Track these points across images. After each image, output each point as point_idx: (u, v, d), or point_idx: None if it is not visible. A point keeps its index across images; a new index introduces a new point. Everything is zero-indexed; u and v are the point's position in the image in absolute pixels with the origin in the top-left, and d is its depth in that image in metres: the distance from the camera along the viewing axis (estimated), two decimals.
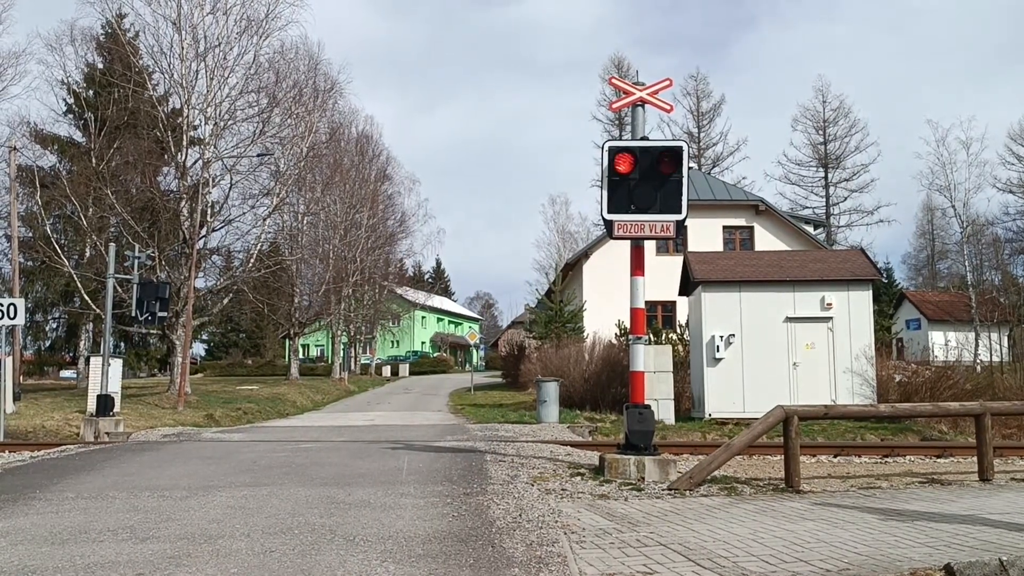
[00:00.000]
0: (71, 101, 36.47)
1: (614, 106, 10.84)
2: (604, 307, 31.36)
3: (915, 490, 8.67)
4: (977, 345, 38.78)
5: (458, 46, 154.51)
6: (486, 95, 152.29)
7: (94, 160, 30.93)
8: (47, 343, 42.83)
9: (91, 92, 36.14)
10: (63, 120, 36.74)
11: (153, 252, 27.76)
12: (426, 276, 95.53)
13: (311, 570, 5.33)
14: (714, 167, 59.69)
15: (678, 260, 23.86)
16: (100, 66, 36.06)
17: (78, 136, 37.11)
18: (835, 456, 13.12)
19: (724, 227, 36.26)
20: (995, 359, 33.48)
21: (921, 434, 16.06)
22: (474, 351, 72.87)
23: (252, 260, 32.22)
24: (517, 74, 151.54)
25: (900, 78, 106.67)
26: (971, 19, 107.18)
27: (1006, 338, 37.90)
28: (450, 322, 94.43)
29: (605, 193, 9.52)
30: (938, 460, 12.43)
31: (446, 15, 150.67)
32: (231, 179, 29.93)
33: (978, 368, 30.51)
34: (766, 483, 9.29)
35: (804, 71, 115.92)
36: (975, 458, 9.96)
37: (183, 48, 28.60)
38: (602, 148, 9.64)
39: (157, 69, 30.48)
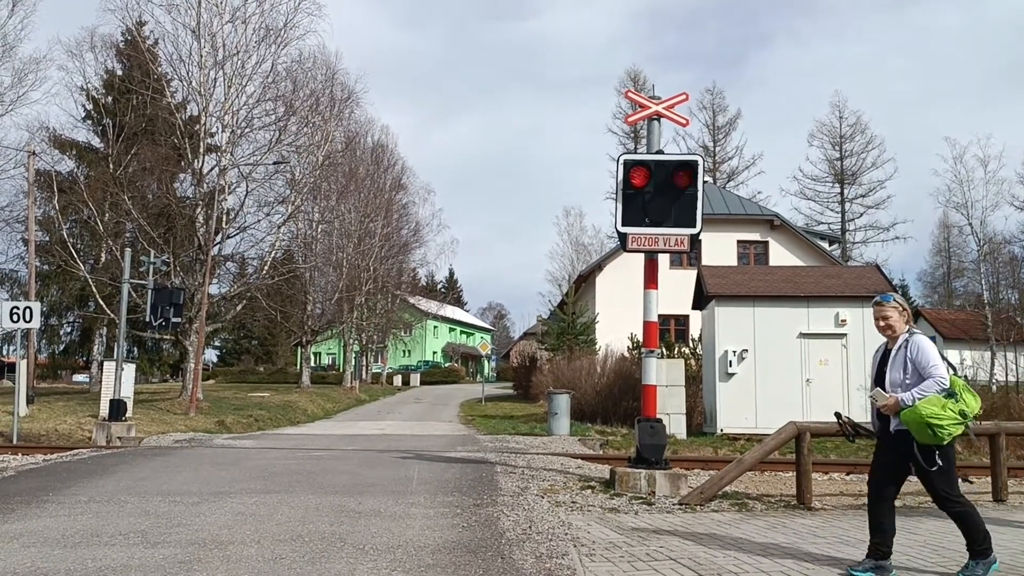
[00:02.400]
0: (90, 107, 36.78)
1: (630, 119, 10.85)
2: (617, 320, 31.31)
3: (928, 509, 8.58)
4: (993, 364, 38.50)
5: (473, 59, 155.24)
6: (502, 107, 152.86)
7: (111, 166, 31.21)
8: (61, 347, 43.05)
9: (110, 98, 36.46)
10: (82, 126, 37.06)
11: (168, 258, 27.97)
12: (439, 286, 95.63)
13: None
14: (729, 181, 59.65)
15: (692, 274, 23.82)
16: (119, 73, 36.35)
17: (96, 142, 37.41)
18: (848, 474, 13.04)
19: (738, 241, 36.19)
20: (1011, 379, 33.23)
21: None
22: (485, 362, 72.88)
23: (266, 267, 32.36)
24: (532, 87, 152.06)
25: (916, 95, 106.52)
26: (987, 37, 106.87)
27: (1022, 358, 37.60)
28: (462, 332, 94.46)
29: (619, 206, 9.53)
30: None
31: (461, 28, 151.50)
32: (247, 186, 30.13)
33: (994, 388, 30.26)
34: (777, 499, 9.24)
35: (820, 88, 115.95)
36: (989, 478, 9.87)
37: (202, 56, 28.84)
38: (617, 161, 9.65)
39: (176, 76, 30.77)
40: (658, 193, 9.45)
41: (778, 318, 18.26)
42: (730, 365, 18.27)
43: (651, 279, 9.95)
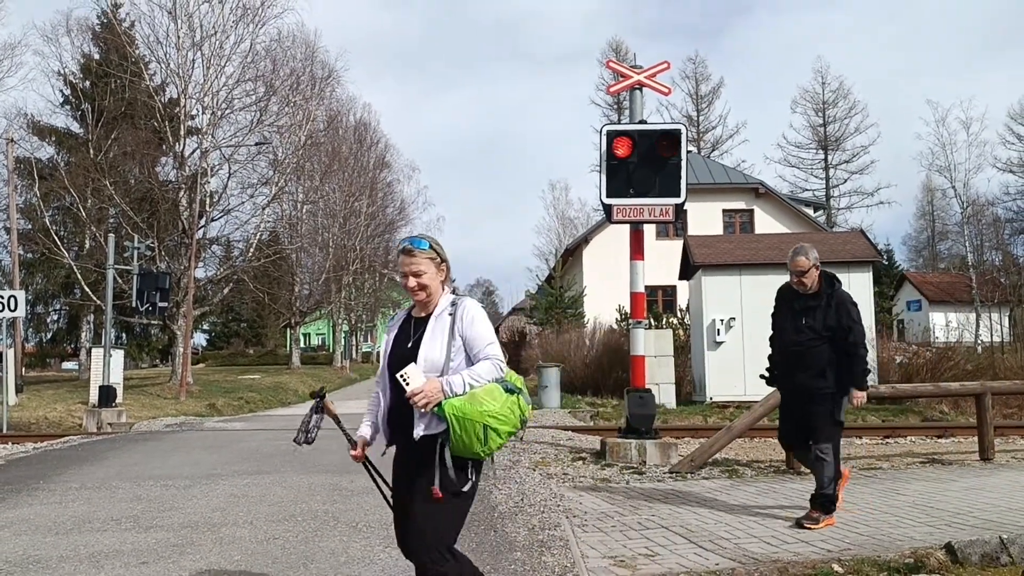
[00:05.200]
0: (68, 92, 36.35)
1: (612, 89, 10.81)
2: (604, 292, 31.32)
3: (916, 470, 8.69)
4: (978, 326, 38.79)
5: (456, 35, 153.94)
6: (485, 83, 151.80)
7: (92, 151, 30.90)
8: (48, 335, 42.80)
9: (88, 83, 36.03)
10: (60, 111, 36.65)
11: (153, 243, 27.77)
12: None
13: (314, 556, 5.36)
14: (713, 150, 59.53)
15: (678, 244, 23.84)
16: (96, 56, 35.94)
17: (75, 127, 37.00)
18: None
19: (724, 210, 36.20)
20: (996, 339, 33.51)
21: (922, 415, 16.07)
22: None
23: (252, 249, 32.23)
24: (515, 61, 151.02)
25: (899, 59, 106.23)
26: None
27: (1007, 318, 37.91)
28: None
29: (604, 177, 9.51)
30: (939, 440, 12.44)
31: (443, 3, 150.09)
32: (229, 168, 29.90)
33: (979, 349, 30.50)
34: (767, 465, 9.32)
35: (802, 55, 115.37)
36: (976, 438, 9.97)
37: (179, 37, 28.50)
38: (600, 132, 9.62)
39: (153, 58, 30.45)
40: (642, 163, 9.42)
41: (765, 286, 18.08)
42: (718, 334, 18.33)
43: (637, 250, 9.95)
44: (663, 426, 12.64)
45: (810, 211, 39.84)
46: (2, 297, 17.86)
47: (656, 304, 32.21)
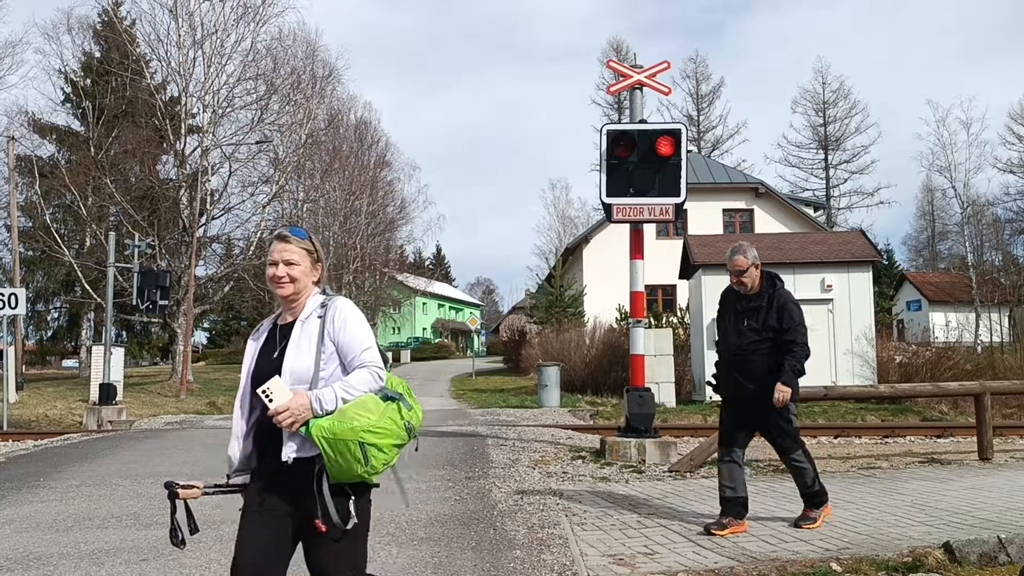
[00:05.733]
0: (69, 90, 36.39)
1: (612, 89, 10.82)
2: (604, 291, 31.34)
3: (915, 470, 8.70)
4: (978, 326, 38.83)
5: (456, 33, 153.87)
6: (485, 82, 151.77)
7: (93, 149, 30.92)
8: (49, 333, 42.87)
9: (89, 81, 36.04)
10: (61, 109, 36.70)
11: (153, 241, 27.82)
12: (426, 262, 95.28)
13: None
14: (714, 150, 59.54)
15: (678, 243, 23.84)
16: (97, 55, 35.96)
17: (76, 125, 37.02)
18: (835, 437, 13.16)
19: (724, 210, 36.22)
20: (996, 339, 33.54)
21: (921, 415, 16.09)
22: (475, 337, 72.87)
23: (252, 248, 32.21)
24: (515, 61, 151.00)
25: (899, 59, 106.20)
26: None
27: (1006, 318, 37.94)
28: (451, 308, 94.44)
29: (604, 177, 9.52)
30: (938, 440, 12.46)
31: (443, 2, 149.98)
32: (230, 167, 29.92)
33: (979, 349, 30.54)
34: (766, 464, 9.33)
35: (802, 55, 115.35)
36: (975, 438, 9.99)
37: (180, 35, 28.55)
38: (601, 132, 9.63)
39: (154, 57, 30.49)
40: (642, 163, 9.43)
41: None
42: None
43: (637, 249, 9.96)
44: (662, 425, 12.65)
45: (810, 211, 39.86)
46: (3, 295, 17.87)
47: (656, 303, 32.23)
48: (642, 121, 10.07)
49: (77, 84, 35.77)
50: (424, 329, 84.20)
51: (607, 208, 9.65)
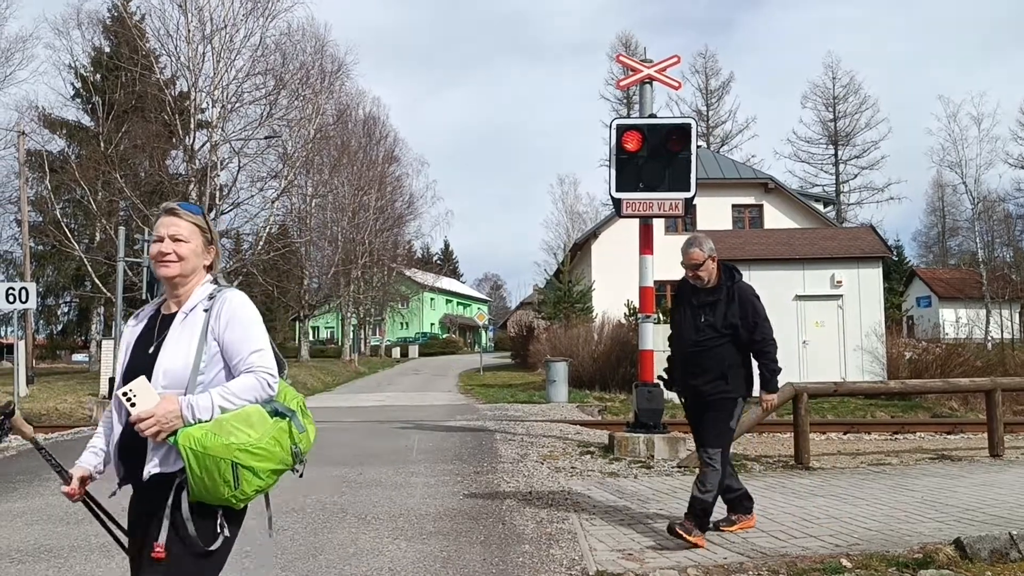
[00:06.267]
0: (79, 85, 36.48)
1: (622, 84, 10.80)
2: (613, 287, 31.32)
3: (925, 466, 8.66)
4: (988, 322, 38.65)
5: (464, 29, 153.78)
6: (494, 78, 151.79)
7: (102, 144, 31.04)
8: (59, 327, 43.05)
9: (98, 76, 36.14)
10: (71, 104, 36.79)
11: None
12: (435, 258, 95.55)
13: (323, 547, 5.38)
14: (723, 145, 59.37)
15: (684, 239, 23.77)
16: (107, 50, 36.03)
17: (86, 120, 37.14)
18: (845, 433, 13.13)
19: (733, 205, 36.12)
20: (1006, 336, 33.40)
21: (931, 411, 16.03)
22: (483, 332, 72.96)
23: (261, 243, 32.30)
24: (524, 56, 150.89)
25: (910, 54, 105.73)
26: None
27: (1017, 315, 37.79)
28: (459, 303, 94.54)
29: (613, 171, 9.49)
30: (948, 437, 12.41)
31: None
32: (239, 162, 30.01)
33: (989, 345, 30.41)
34: (776, 460, 9.31)
35: (812, 50, 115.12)
36: (985, 434, 9.93)
37: (189, 30, 28.58)
38: (610, 126, 9.60)
39: (164, 52, 30.53)
40: (652, 158, 9.40)
41: (774, 281, 18.26)
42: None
43: (646, 245, 9.95)
44: (671, 421, 12.62)
45: (820, 206, 39.70)
46: (13, 289, 17.94)
47: (665, 299, 32.11)
48: (652, 116, 10.03)
49: (87, 79, 35.86)
50: (432, 324, 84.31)
51: (617, 203, 9.63)
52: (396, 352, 62.87)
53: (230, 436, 2.39)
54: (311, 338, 52.36)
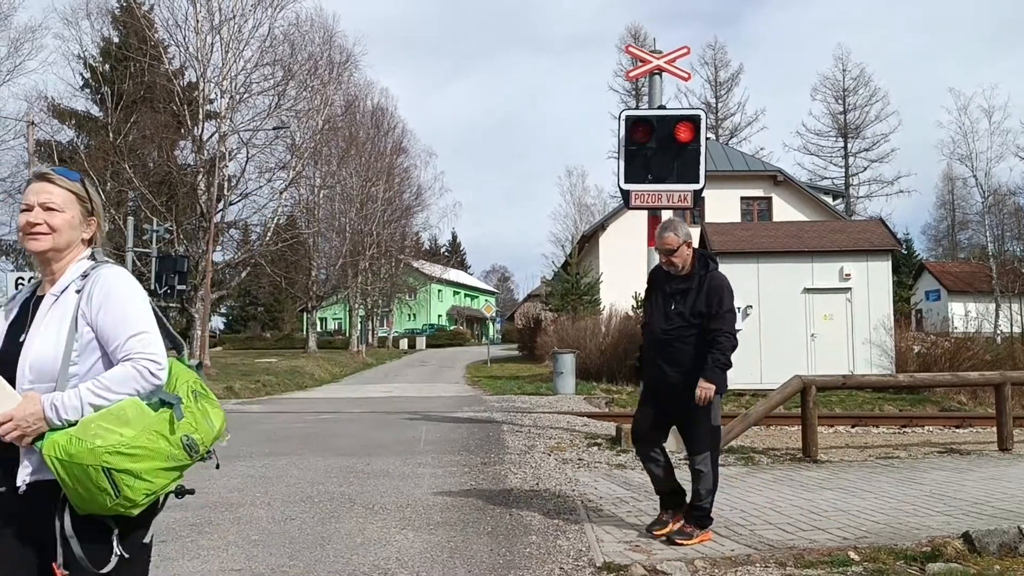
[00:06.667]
0: (88, 75, 36.46)
1: (631, 74, 10.75)
2: (621, 279, 31.28)
3: (933, 460, 8.64)
4: (998, 316, 38.52)
5: (473, 20, 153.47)
6: (502, 69, 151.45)
7: (111, 134, 31.04)
8: None
9: (107, 66, 36.13)
10: (80, 94, 36.74)
11: (171, 226, 27.94)
12: (442, 249, 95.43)
13: (331, 537, 5.39)
14: (732, 137, 59.20)
15: (695, 231, 23.74)
16: (116, 40, 36.01)
17: (95, 110, 37.12)
18: (853, 426, 13.09)
19: (742, 198, 36.03)
20: (1016, 330, 33.26)
21: (940, 405, 15.98)
22: (490, 324, 73.02)
23: (269, 233, 32.36)
24: (532, 48, 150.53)
25: (920, 46, 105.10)
26: None
27: None
28: (466, 295, 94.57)
29: (622, 163, 9.45)
30: (957, 430, 12.36)
31: None
32: (247, 152, 30.05)
33: (998, 339, 30.29)
34: (783, 453, 9.29)
35: (822, 42, 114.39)
36: (994, 428, 9.89)
37: (198, 21, 28.60)
38: (619, 118, 9.56)
39: (172, 42, 30.55)
40: (660, 149, 9.35)
41: (782, 274, 18.23)
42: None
43: (654, 237, 9.91)
44: None
45: (829, 199, 39.57)
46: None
47: None
48: (661, 107, 10.00)
49: (96, 69, 35.84)
50: (439, 316, 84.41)
51: (625, 194, 9.59)
52: (403, 343, 62.95)
53: (96, 439, 2.05)
54: (319, 329, 52.45)
